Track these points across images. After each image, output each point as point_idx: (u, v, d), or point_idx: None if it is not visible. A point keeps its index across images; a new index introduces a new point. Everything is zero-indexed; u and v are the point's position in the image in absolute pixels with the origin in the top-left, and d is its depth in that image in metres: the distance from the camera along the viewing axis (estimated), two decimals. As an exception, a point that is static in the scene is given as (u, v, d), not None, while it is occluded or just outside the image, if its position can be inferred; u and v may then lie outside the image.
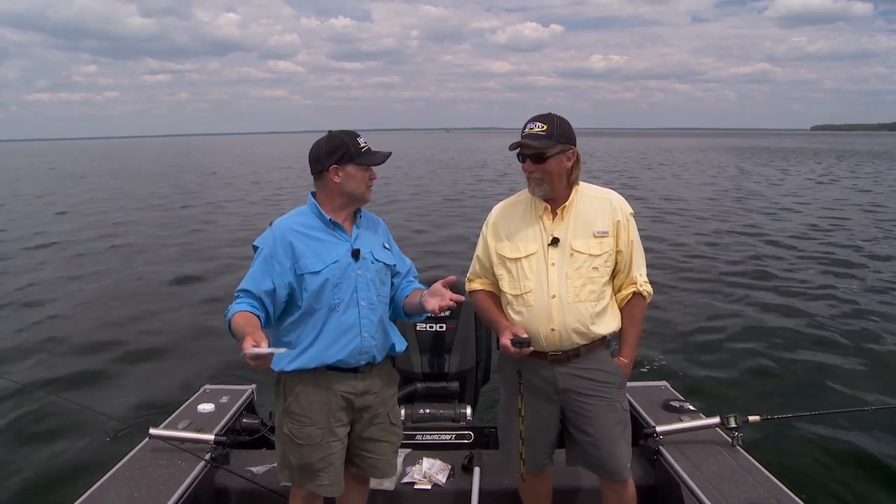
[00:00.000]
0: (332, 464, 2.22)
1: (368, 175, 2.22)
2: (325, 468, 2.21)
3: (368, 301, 2.22)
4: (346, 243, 2.22)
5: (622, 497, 2.37)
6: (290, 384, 2.22)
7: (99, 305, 8.24)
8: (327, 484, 2.23)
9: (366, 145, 2.21)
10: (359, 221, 2.29)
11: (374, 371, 2.28)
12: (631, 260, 2.29)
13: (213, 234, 13.91)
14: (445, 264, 9.31)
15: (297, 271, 2.15)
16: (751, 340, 6.52)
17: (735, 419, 2.87)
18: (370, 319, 2.22)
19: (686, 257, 10.81)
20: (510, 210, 2.38)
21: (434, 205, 18.28)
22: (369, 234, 2.31)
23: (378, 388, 2.30)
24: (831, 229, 13.72)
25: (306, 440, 2.20)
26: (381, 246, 2.33)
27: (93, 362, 6.10)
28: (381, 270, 2.28)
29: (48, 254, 11.85)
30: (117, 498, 2.46)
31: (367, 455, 2.34)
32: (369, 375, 2.26)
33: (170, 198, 21.46)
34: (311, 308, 2.17)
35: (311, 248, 2.18)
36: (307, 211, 2.26)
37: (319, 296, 2.16)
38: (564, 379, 2.26)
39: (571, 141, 2.21)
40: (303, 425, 2.20)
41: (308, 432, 2.20)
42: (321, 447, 2.20)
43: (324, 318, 2.17)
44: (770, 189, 22.88)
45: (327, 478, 2.22)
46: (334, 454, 2.23)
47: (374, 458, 2.34)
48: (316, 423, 2.20)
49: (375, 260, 2.26)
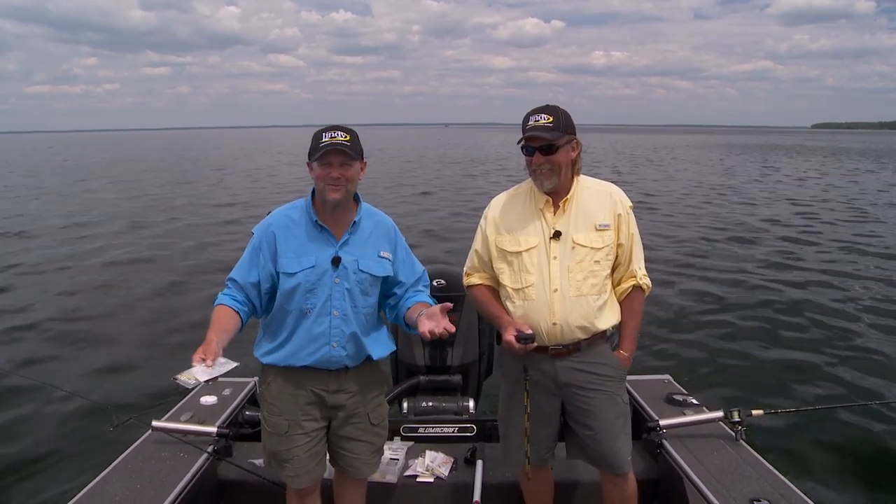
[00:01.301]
0: (296, 456, 2.23)
1: (327, 173, 2.09)
2: (290, 459, 2.23)
3: (342, 311, 2.15)
4: (330, 248, 2.16)
5: (623, 490, 2.37)
6: (266, 373, 2.26)
7: (102, 296, 8.28)
8: (292, 475, 2.25)
9: (328, 141, 2.07)
10: (352, 228, 2.19)
11: (350, 373, 2.23)
12: (631, 253, 2.28)
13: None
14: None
15: (276, 268, 2.15)
16: (754, 334, 6.51)
17: (738, 413, 2.86)
18: (341, 330, 2.16)
19: (687, 250, 10.79)
20: (509, 203, 2.36)
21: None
22: (364, 240, 2.21)
23: (354, 389, 2.25)
24: (838, 223, 13.69)
25: (274, 429, 2.24)
26: (376, 255, 2.22)
27: (95, 354, 6.14)
28: (364, 281, 2.18)
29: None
30: (120, 490, 2.47)
31: (345, 453, 2.33)
32: (344, 377, 2.23)
33: (181, 190, 21.48)
34: (283, 308, 2.17)
35: (292, 247, 2.14)
36: (300, 206, 2.22)
37: (291, 298, 2.15)
38: (565, 373, 2.26)
39: (574, 131, 2.21)
40: (272, 414, 2.24)
41: (276, 422, 2.23)
42: (287, 438, 2.22)
43: (295, 322, 2.16)
44: (769, 183, 22.82)
45: (292, 469, 2.24)
46: (299, 447, 2.23)
47: (350, 456, 2.33)
48: (283, 414, 2.22)
49: (360, 270, 2.17)
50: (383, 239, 2.27)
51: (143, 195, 19.94)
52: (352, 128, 2.12)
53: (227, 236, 12.40)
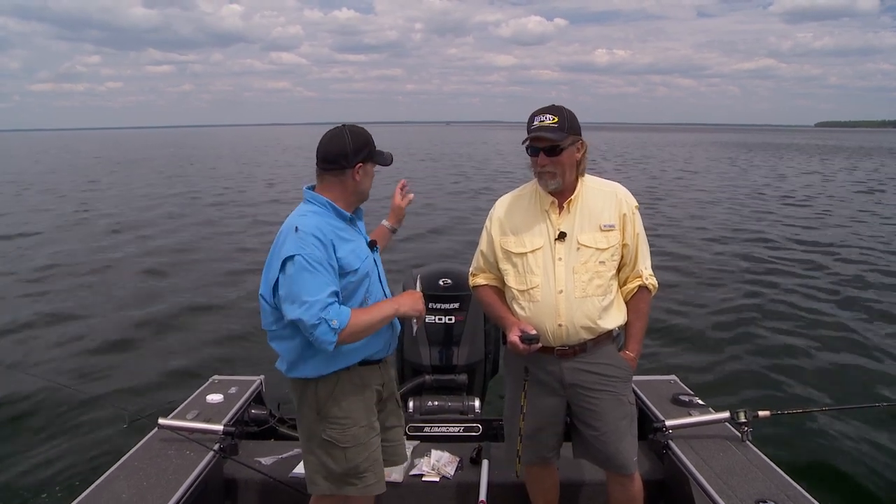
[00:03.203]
0: (376, 460, 2.20)
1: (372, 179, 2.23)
2: (371, 466, 2.18)
3: (387, 290, 2.28)
4: (363, 237, 2.25)
5: (628, 490, 2.37)
6: (325, 388, 2.12)
7: (107, 294, 8.31)
8: (374, 482, 2.18)
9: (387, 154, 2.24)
10: (359, 213, 2.28)
11: (388, 359, 2.32)
12: (636, 253, 2.27)
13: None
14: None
15: (339, 271, 2.06)
16: (761, 335, 6.48)
17: (745, 414, 2.85)
18: None
19: (693, 250, 10.75)
20: (514, 204, 2.35)
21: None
22: (363, 225, 2.34)
23: (392, 376, 2.36)
24: (848, 224, 13.59)
25: (352, 442, 2.13)
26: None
27: (103, 352, 6.16)
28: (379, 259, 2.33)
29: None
30: (126, 488, 2.48)
31: (387, 444, 2.32)
32: (387, 364, 2.32)
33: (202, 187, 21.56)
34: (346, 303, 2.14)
35: (345, 247, 2.09)
36: (325, 211, 2.11)
37: (354, 293, 2.10)
38: (571, 373, 2.25)
39: (580, 132, 2.19)
40: (346, 428, 2.13)
41: (353, 433, 2.13)
42: (366, 446, 2.16)
43: None
44: (776, 185, 22.69)
45: (373, 475, 2.18)
46: (377, 450, 2.21)
47: (394, 444, 2.37)
48: (358, 423, 2.14)
49: (377, 249, 2.32)
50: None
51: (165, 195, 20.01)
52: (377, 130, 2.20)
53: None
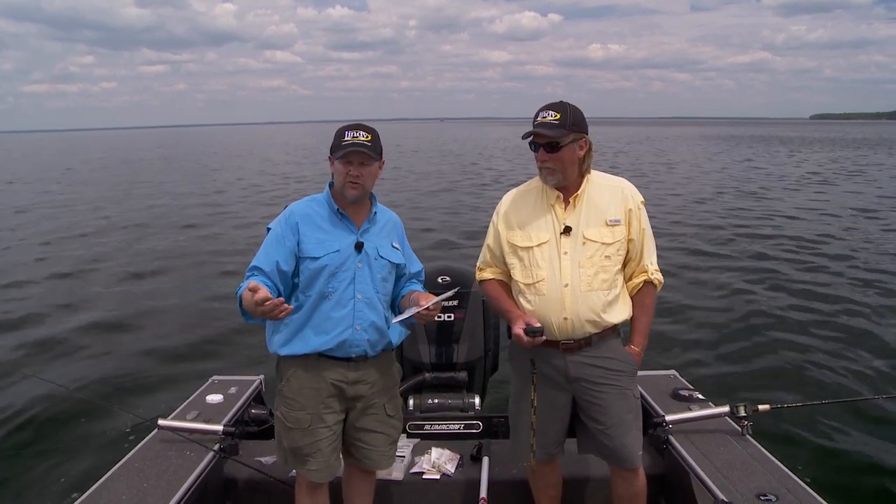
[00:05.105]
0: (319, 450, 2.23)
1: (347, 171, 2.16)
2: (313, 453, 2.23)
3: (365, 296, 2.22)
4: (351, 235, 2.23)
5: (632, 485, 2.37)
6: (285, 367, 2.26)
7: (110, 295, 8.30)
8: (314, 469, 2.25)
9: (350, 140, 2.15)
10: (372, 217, 2.29)
11: (368, 362, 2.27)
12: (642, 248, 2.28)
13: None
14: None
15: (298, 254, 2.18)
16: (761, 329, 6.51)
17: (745, 408, 2.85)
18: (365, 314, 2.21)
19: (694, 244, 10.80)
20: (521, 198, 2.36)
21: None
22: (379, 230, 2.31)
23: (373, 379, 2.30)
24: (847, 218, 13.63)
25: (295, 424, 2.23)
26: (390, 245, 2.32)
27: (101, 354, 6.13)
28: (384, 268, 2.27)
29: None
30: (127, 489, 2.46)
31: (361, 445, 2.34)
32: (363, 366, 2.26)
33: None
34: (303, 293, 2.19)
35: (315, 235, 2.19)
36: (320, 199, 2.28)
37: (313, 282, 2.17)
38: (576, 367, 2.25)
39: (584, 129, 2.20)
40: (292, 409, 2.23)
41: (297, 416, 2.22)
42: (309, 432, 2.22)
43: (313, 306, 2.18)
44: (774, 178, 22.72)
45: (315, 463, 2.24)
46: (322, 440, 2.23)
47: (367, 448, 2.35)
48: (305, 408, 2.22)
49: (380, 256, 2.26)
50: (393, 232, 2.39)
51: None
52: (373, 126, 2.20)
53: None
